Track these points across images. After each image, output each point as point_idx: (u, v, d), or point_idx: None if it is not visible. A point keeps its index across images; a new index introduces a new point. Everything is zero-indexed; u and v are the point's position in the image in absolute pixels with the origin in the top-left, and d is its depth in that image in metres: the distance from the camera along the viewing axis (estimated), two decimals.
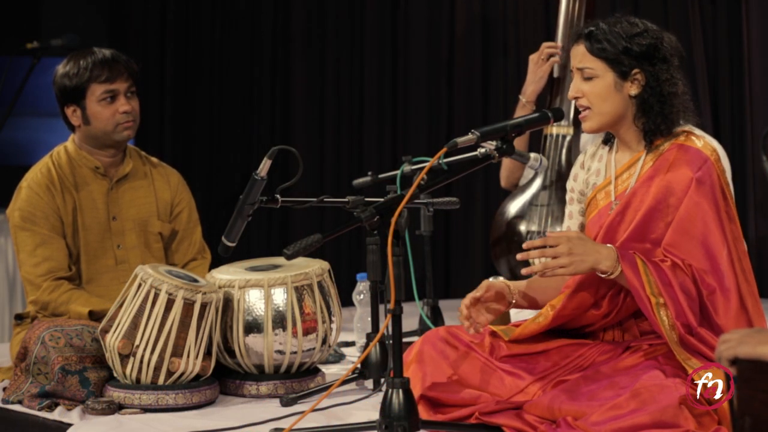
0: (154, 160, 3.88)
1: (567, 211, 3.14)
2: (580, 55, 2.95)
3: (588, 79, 2.93)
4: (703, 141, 2.94)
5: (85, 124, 3.66)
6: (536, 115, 2.94)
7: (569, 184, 3.14)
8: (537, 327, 2.98)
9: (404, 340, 2.80)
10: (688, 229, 2.85)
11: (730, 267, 2.83)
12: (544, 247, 2.78)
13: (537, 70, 4.49)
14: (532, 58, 4.52)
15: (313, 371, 3.49)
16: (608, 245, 2.82)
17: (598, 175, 3.06)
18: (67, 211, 3.64)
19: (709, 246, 2.84)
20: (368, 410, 3.15)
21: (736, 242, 2.88)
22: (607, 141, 3.07)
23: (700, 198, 2.85)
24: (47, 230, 3.60)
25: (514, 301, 3.03)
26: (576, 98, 2.97)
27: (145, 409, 3.22)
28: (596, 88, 2.92)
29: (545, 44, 4.52)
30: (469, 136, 2.82)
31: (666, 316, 2.76)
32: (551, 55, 4.49)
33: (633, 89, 2.92)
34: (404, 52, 6.12)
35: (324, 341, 3.45)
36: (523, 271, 2.82)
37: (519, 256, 2.83)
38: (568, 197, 3.14)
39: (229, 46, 6.59)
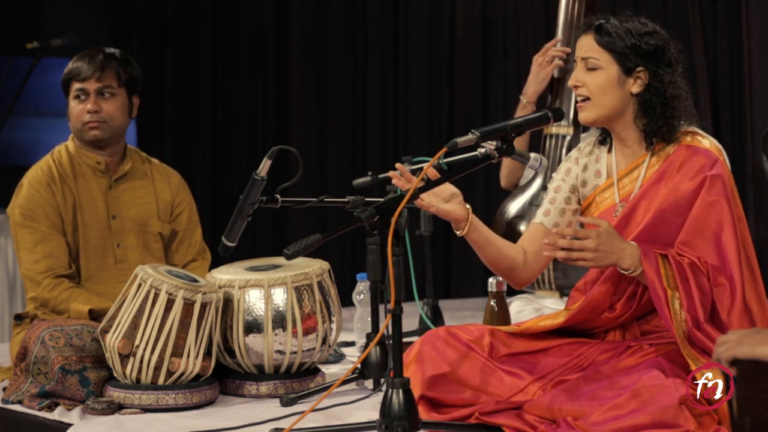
0: (155, 160, 3.88)
1: (548, 196, 3.10)
2: (586, 45, 2.95)
3: (591, 69, 2.94)
4: (710, 141, 2.95)
5: (68, 120, 3.70)
6: (536, 115, 2.94)
7: (558, 176, 3.11)
8: (549, 326, 2.99)
9: (404, 340, 2.80)
10: (701, 228, 2.86)
11: (738, 267, 2.84)
12: (575, 237, 2.78)
13: (540, 72, 4.49)
14: (536, 59, 4.51)
15: (313, 371, 3.49)
16: (632, 243, 2.82)
17: (599, 176, 3.06)
18: (67, 209, 3.65)
19: (721, 244, 2.85)
20: (368, 410, 3.15)
21: (744, 242, 2.89)
22: (603, 141, 3.07)
23: (714, 197, 2.86)
24: (47, 227, 3.61)
25: (467, 228, 2.97)
26: (576, 87, 2.96)
27: (145, 409, 3.22)
28: (598, 79, 2.93)
29: (551, 48, 4.51)
30: (469, 136, 2.83)
31: (680, 308, 2.77)
32: (556, 58, 4.48)
33: (635, 87, 2.93)
34: (405, 52, 6.12)
35: (324, 341, 3.45)
36: (545, 248, 2.80)
37: (545, 242, 2.81)
38: (553, 186, 3.12)
39: (230, 46, 6.59)
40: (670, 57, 2.94)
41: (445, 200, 2.96)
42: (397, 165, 2.96)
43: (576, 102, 3.06)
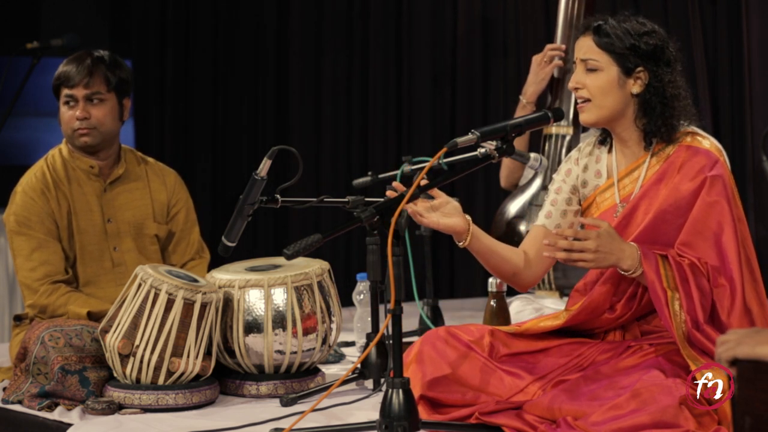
0: (150, 160, 3.86)
1: (550, 198, 3.10)
2: (585, 47, 2.94)
3: (591, 71, 2.93)
4: (710, 142, 2.95)
5: (60, 125, 3.69)
6: (536, 115, 2.94)
7: (558, 177, 3.10)
8: (549, 327, 2.99)
9: (404, 340, 2.80)
10: (702, 229, 2.85)
11: (738, 268, 2.83)
12: (575, 238, 2.78)
13: (539, 72, 4.49)
14: (536, 59, 4.51)
15: (313, 371, 3.49)
16: (632, 243, 2.82)
17: (599, 177, 3.05)
18: (62, 215, 3.63)
19: (722, 245, 2.84)
20: (368, 410, 3.15)
21: (744, 242, 2.89)
22: (603, 142, 3.07)
23: (714, 197, 2.86)
24: (43, 234, 3.59)
25: (468, 239, 2.97)
26: (576, 89, 2.96)
27: (145, 409, 3.23)
28: (599, 81, 2.92)
29: (549, 46, 4.52)
30: (470, 136, 2.82)
31: (680, 309, 2.77)
32: (555, 57, 4.48)
33: (635, 87, 2.92)
34: (406, 52, 6.12)
35: (324, 341, 3.45)
36: (545, 248, 2.80)
37: (545, 242, 2.81)
38: (554, 187, 3.11)
39: (231, 46, 6.59)
40: (669, 56, 2.93)
41: (445, 214, 2.95)
42: (394, 183, 2.95)
43: (576, 103, 3.05)
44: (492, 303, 3.67)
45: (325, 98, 6.37)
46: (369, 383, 3.45)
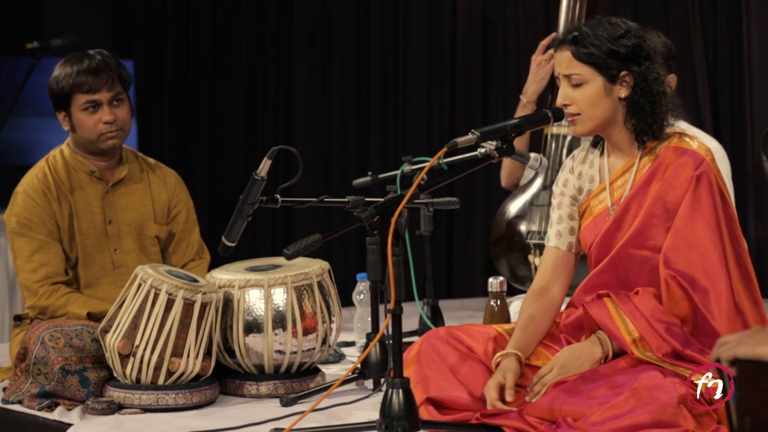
0: (151, 161, 3.85)
1: (555, 215, 3.09)
2: (566, 61, 2.92)
3: (577, 85, 2.91)
4: (697, 142, 2.93)
5: (73, 131, 3.65)
6: (536, 115, 2.94)
7: (557, 189, 3.09)
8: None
9: (404, 340, 2.80)
10: (684, 232, 2.84)
11: (722, 268, 2.82)
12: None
13: (539, 71, 4.50)
14: (535, 58, 4.52)
15: (313, 371, 3.49)
16: (592, 338, 2.87)
17: (592, 182, 3.04)
18: (63, 217, 3.63)
19: (703, 247, 2.83)
20: (368, 410, 3.16)
21: (734, 242, 2.87)
22: (596, 144, 3.05)
23: (698, 199, 2.85)
24: (44, 236, 3.58)
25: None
26: (565, 105, 2.94)
27: (145, 409, 3.23)
28: (586, 95, 2.90)
29: (547, 44, 4.52)
30: (470, 136, 2.82)
31: (649, 351, 2.79)
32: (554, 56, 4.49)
33: (622, 92, 2.91)
34: (406, 52, 6.13)
35: (324, 341, 3.45)
36: (528, 397, 2.84)
37: (527, 400, 2.83)
38: (555, 201, 3.10)
39: (231, 46, 6.59)
40: (648, 50, 2.91)
41: (511, 386, 2.87)
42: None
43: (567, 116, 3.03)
44: (492, 303, 3.67)
45: (326, 98, 6.37)
46: (369, 383, 3.45)
